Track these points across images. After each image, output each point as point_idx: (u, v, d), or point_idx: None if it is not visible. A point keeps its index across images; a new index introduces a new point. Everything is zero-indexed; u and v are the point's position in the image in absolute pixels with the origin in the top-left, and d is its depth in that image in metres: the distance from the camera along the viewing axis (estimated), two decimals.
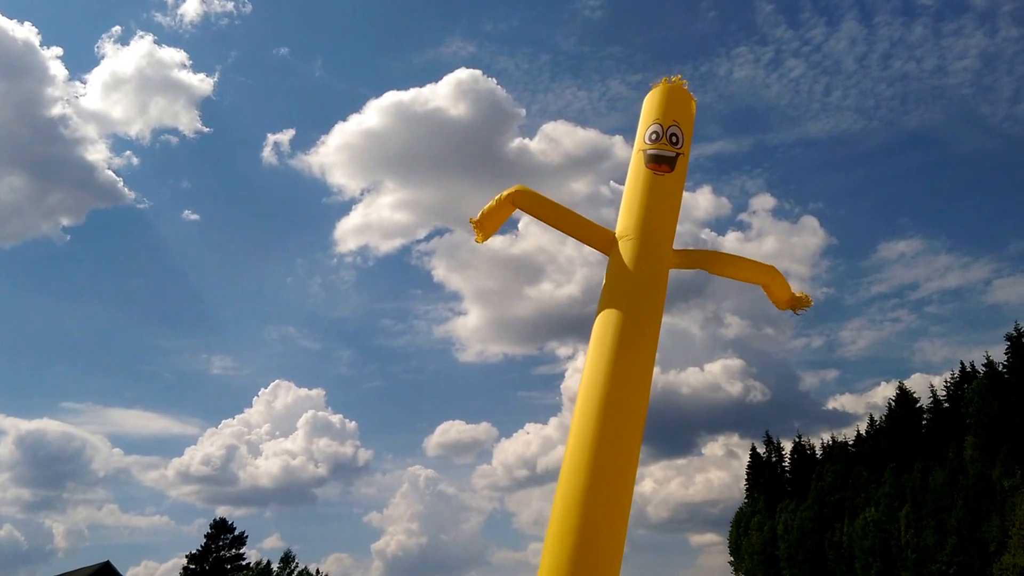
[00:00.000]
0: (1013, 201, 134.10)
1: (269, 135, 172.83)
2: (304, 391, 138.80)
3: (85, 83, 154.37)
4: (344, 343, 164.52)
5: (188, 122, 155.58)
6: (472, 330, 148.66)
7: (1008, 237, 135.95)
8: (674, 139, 7.09)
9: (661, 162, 7.01)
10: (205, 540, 77.70)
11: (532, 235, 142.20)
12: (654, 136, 7.06)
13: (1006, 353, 65.58)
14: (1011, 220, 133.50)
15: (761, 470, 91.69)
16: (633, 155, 7.27)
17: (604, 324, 6.29)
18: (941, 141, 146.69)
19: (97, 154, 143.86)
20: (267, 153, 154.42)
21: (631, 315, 6.21)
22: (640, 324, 6.21)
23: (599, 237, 7.01)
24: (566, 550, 5.50)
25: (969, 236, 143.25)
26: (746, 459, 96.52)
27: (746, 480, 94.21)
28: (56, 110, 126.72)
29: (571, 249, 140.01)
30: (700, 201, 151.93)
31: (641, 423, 5.95)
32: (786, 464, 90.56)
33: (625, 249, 6.67)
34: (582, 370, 6.36)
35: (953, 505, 59.24)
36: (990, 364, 66.77)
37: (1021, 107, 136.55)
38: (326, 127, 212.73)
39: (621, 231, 6.85)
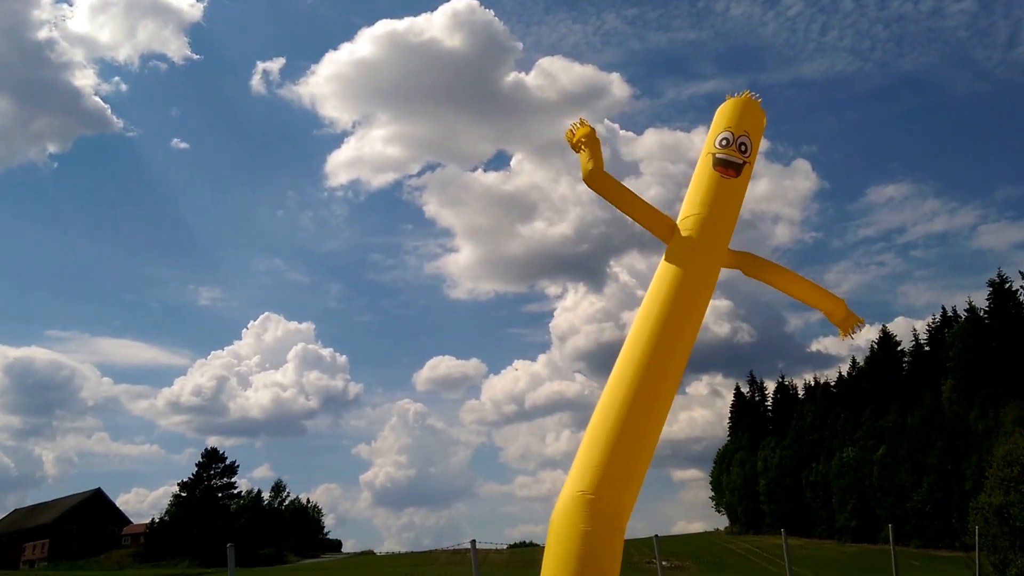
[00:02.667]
0: (1004, 147, 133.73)
1: (259, 63, 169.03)
2: (294, 324, 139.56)
3: (72, 4, 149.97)
4: (333, 277, 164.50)
5: (177, 48, 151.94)
6: (463, 267, 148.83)
7: (996, 183, 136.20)
8: (743, 148, 7.48)
9: (728, 167, 7.39)
10: (196, 469, 79.02)
11: (525, 172, 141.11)
12: (724, 142, 7.45)
13: (988, 299, 66.40)
14: (1000, 166, 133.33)
15: (744, 409, 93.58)
16: (701, 156, 7.70)
17: (650, 304, 6.67)
18: (935, 85, 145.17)
19: (85, 80, 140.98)
20: (256, 82, 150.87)
21: (679, 301, 6.58)
22: (684, 311, 6.60)
23: (659, 222, 7.32)
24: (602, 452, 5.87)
25: (958, 181, 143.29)
26: (730, 398, 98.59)
27: (729, 419, 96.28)
28: (43, 33, 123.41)
29: (565, 187, 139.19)
30: (695, 142, 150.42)
31: (674, 389, 6.45)
32: (769, 404, 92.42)
33: (683, 239, 6.99)
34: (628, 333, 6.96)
35: (931, 447, 60.81)
36: (972, 309, 67.70)
37: (1016, 52, 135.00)
38: (316, 56, 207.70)
39: (682, 222, 7.17)
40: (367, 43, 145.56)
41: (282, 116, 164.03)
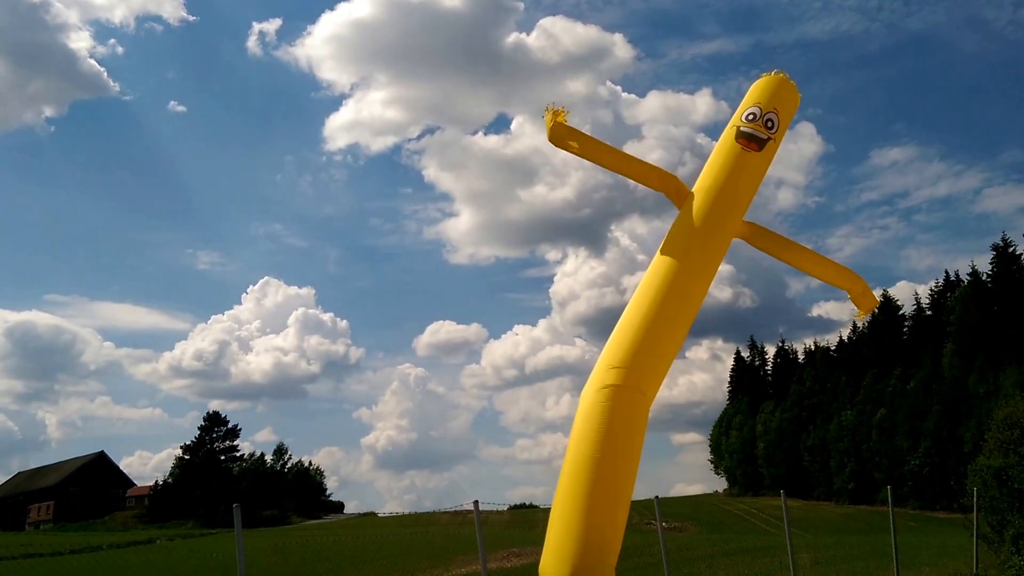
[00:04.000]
0: (1011, 109, 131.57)
1: (255, 24, 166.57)
2: (294, 289, 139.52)
3: None
4: (332, 242, 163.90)
5: (172, 10, 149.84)
6: (463, 232, 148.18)
7: (1003, 145, 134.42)
8: (769, 124, 7.35)
9: (751, 140, 7.28)
10: (199, 432, 79.70)
11: (526, 135, 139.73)
12: (751, 116, 7.36)
13: (991, 263, 66.10)
14: (1007, 128, 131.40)
15: (744, 373, 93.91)
16: (726, 129, 7.60)
17: (658, 267, 6.80)
18: (942, 45, 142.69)
19: (80, 42, 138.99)
20: (252, 44, 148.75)
21: (686, 264, 6.71)
22: (692, 274, 6.74)
23: (656, 177, 7.24)
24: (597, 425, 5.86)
25: (964, 144, 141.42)
26: (730, 363, 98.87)
27: (729, 383, 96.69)
28: None
29: (566, 152, 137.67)
30: (699, 105, 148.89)
31: (675, 351, 6.58)
32: (768, 368, 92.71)
33: (698, 204, 6.95)
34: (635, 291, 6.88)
35: (929, 411, 61.05)
36: (974, 273, 67.42)
37: None
38: (313, 16, 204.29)
39: (699, 189, 7.14)
40: (365, 3, 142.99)
41: (279, 78, 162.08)
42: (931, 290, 76.34)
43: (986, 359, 59.68)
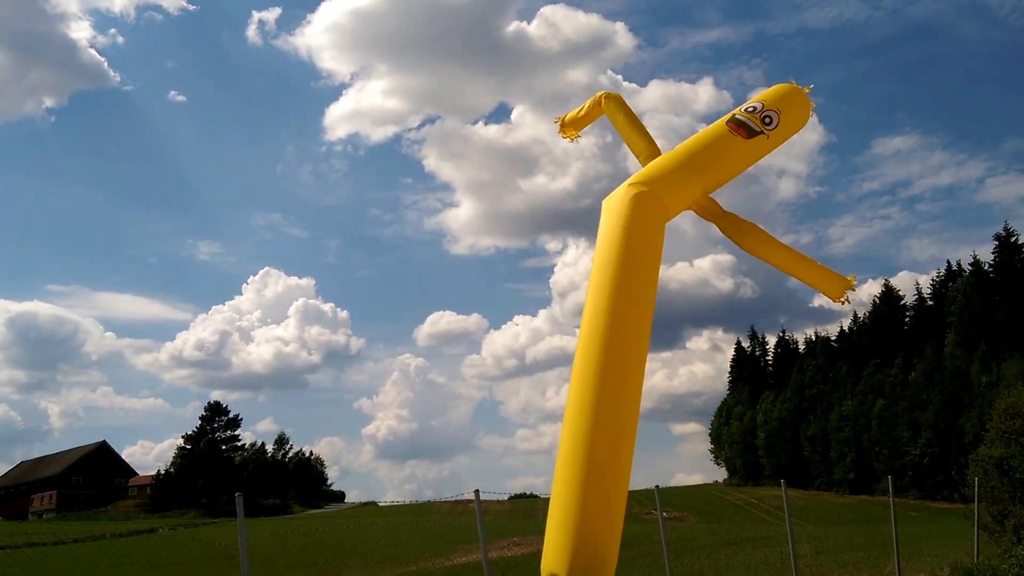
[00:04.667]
0: (1014, 98, 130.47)
1: (255, 12, 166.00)
2: (294, 280, 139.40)
3: None
4: (331, 232, 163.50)
5: (172, 0, 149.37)
6: (464, 222, 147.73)
7: (1005, 134, 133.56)
8: (767, 120, 6.88)
9: (741, 126, 6.78)
10: (200, 422, 79.83)
11: (527, 125, 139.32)
12: (750, 109, 6.94)
13: (993, 252, 65.94)
14: (1010, 117, 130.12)
15: (744, 364, 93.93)
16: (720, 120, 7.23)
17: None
18: (945, 33, 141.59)
19: (81, 32, 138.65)
20: (252, 33, 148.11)
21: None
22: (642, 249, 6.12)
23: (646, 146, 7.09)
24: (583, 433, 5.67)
25: (966, 132, 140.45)
26: (730, 353, 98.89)
27: (730, 373, 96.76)
28: None
29: (567, 141, 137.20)
30: (700, 94, 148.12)
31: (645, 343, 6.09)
32: (769, 358, 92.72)
33: (668, 157, 6.65)
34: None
35: (930, 401, 61.02)
36: (976, 263, 67.30)
37: None
38: (312, 5, 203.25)
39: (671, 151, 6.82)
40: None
41: (279, 68, 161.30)
42: (932, 280, 76.33)
43: (988, 349, 59.61)
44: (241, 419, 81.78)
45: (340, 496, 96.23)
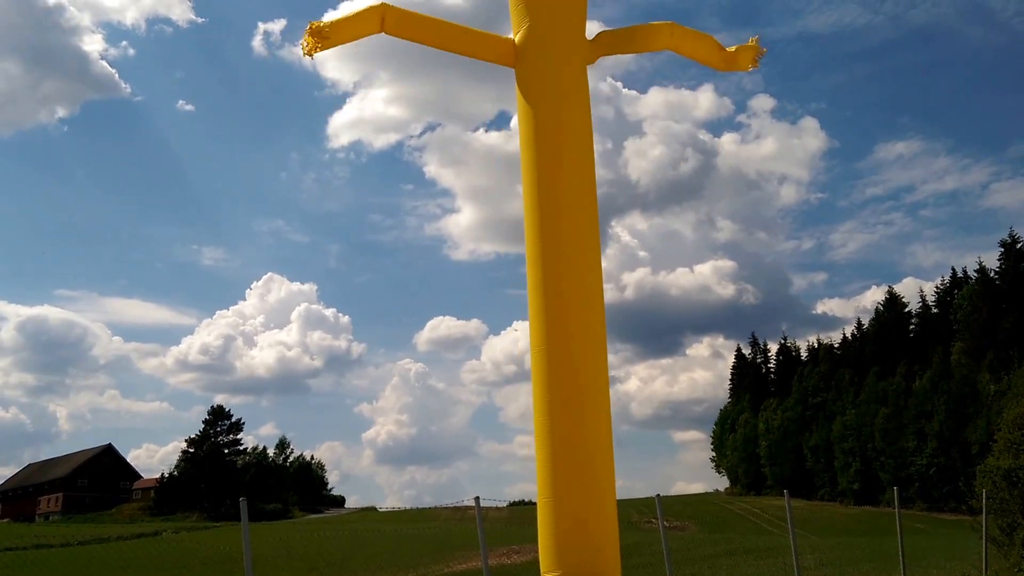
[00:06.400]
0: (1018, 102, 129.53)
1: (260, 24, 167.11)
2: (296, 285, 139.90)
3: None
4: (332, 237, 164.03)
5: (181, 12, 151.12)
6: (464, 228, 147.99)
7: (1010, 139, 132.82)
8: None
9: None
10: (203, 426, 79.90)
11: None
12: None
13: (999, 259, 65.50)
14: (1015, 122, 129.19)
15: (745, 371, 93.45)
16: None
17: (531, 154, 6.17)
18: (948, 37, 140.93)
19: (93, 45, 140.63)
20: (257, 44, 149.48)
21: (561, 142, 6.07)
22: (575, 143, 6.09)
23: (495, 47, 6.42)
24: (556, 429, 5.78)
25: (970, 137, 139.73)
26: (731, 360, 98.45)
27: (730, 380, 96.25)
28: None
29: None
30: (701, 100, 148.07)
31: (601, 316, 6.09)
32: (771, 366, 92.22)
33: (535, 52, 6.20)
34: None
35: (935, 410, 60.51)
36: (982, 270, 66.86)
37: None
38: (317, 15, 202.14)
39: (525, 34, 6.23)
40: (367, 2, 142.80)
41: (284, 78, 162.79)
42: (936, 288, 75.85)
43: (996, 357, 59.12)
44: (243, 423, 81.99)
45: (340, 501, 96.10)
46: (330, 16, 6.52)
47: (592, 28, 7.03)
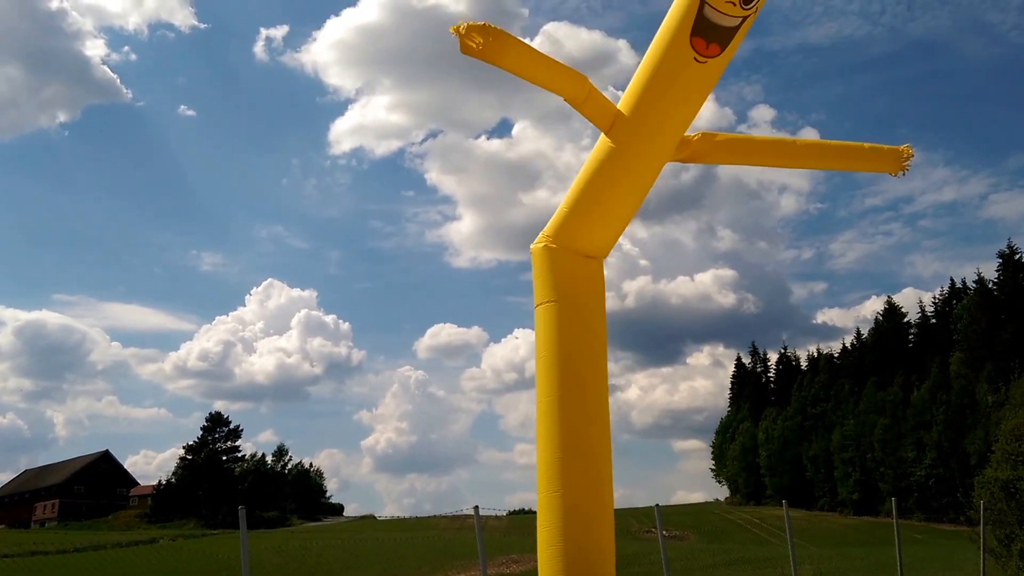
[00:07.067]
0: (1017, 114, 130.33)
1: (262, 30, 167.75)
2: (296, 291, 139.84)
3: None
4: (332, 244, 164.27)
5: (183, 18, 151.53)
6: (465, 235, 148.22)
7: (1009, 150, 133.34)
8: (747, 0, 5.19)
9: (712, 39, 5.28)
10: (202, 432, 79.63)
11: (529, 140, 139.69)
12: None
13: (997, 270, 65.58)
14: (1013, 133, 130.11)
15: (745, 380, 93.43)
16: (671, 16, 5.72)
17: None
18: (946, 49, 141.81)
19: (95, 50, 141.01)
20: (259, 49, 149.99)
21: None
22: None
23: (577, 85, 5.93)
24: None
25: (969, 149, 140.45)
26: (731, 369, 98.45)
27: (730, 389, 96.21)
28: (54, 3, 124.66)
29: (569, 155, 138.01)
30: (702, 111, 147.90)
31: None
32: (771, 375, 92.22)
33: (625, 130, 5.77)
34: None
35: (934, 420, 60.50)
36: (981, 281, 66.94)
37: None
38: (319, 22, 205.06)
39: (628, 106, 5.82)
40: (370, 8, 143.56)
41: (286, 84, 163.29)
42: (935, 299, 76.01)
43: (995, 368, 59.16)
44: (242, 430, 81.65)
45: (339, 509, 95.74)
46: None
47: (595, 39, 6.98)
